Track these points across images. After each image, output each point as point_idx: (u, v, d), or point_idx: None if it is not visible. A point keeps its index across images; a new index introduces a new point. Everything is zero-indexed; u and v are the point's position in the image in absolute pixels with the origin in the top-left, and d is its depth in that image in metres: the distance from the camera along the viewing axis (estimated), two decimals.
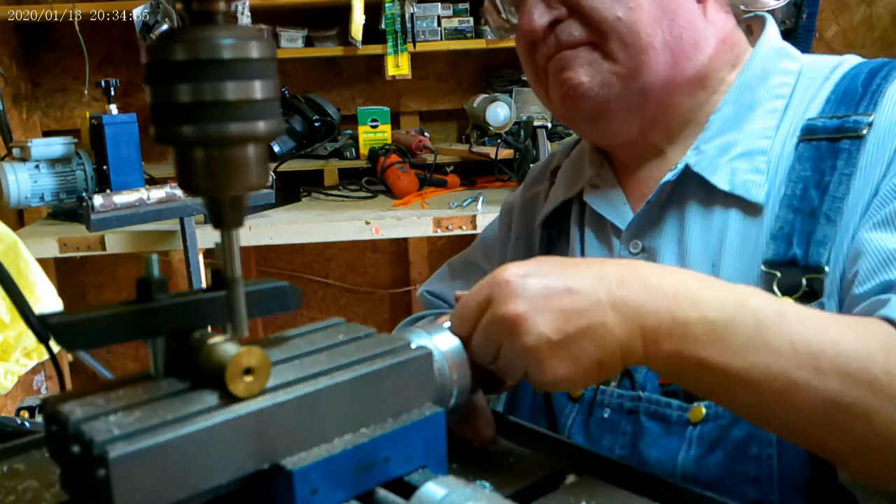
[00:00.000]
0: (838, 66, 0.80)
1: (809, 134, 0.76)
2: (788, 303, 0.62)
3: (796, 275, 0.71)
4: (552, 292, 0.58)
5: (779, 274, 0.72)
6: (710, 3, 0.82)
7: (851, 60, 0.81)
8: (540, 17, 0.80)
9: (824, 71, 0.80)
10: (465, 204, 2.19)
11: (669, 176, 0.80)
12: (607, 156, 0.91)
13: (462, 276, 1.08)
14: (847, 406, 0.56)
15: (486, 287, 0.60)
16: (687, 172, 0.80)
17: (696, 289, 0.59)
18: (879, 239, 0.67)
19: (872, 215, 0.69)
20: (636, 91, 0.80)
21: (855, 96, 0.76)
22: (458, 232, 2.09)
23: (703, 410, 0.73)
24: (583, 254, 0.90)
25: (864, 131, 0.72)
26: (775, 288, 0.71)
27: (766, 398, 0.57)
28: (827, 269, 0.70)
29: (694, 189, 0.80)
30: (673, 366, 0.59)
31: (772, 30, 0.86)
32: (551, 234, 0.96)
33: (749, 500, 0.70)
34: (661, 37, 0.78)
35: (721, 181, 0.78)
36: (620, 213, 0.86)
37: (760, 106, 0.80)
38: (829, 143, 0.74)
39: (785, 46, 0.85)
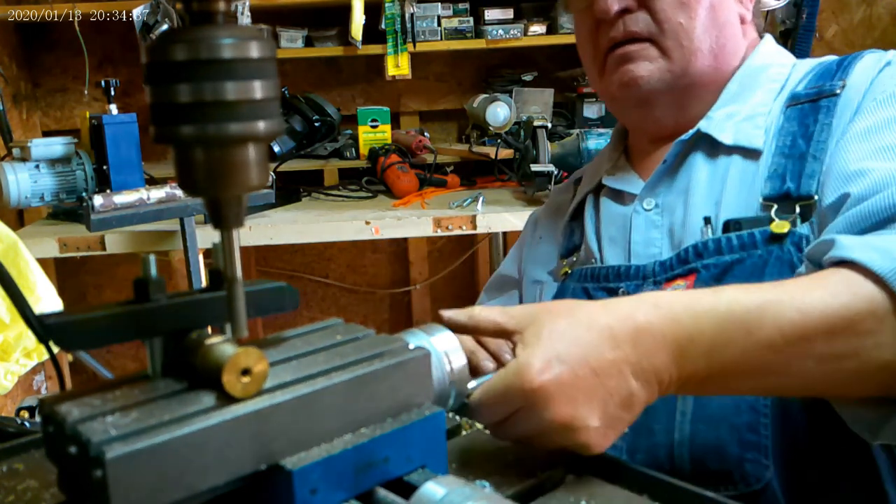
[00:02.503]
0: (822, 61, 0.95)
1: (794, 100, 0.90)
2: (765, 287, 0.66)
3: (790, 204, 0.83)
4: (585, 384, 0.58)
5: (776, 206, 0.83)
6: (748, 24, 0.99)
7: (832, 57, 0.95)
8: (615, 1, 0.92)
9: (811, 64, 0.95)
10: (465, 204, 2.19)
11: (684, 136, 0.94)
12: (625, 149, 1.06)
13: (498, 293, 1.17)
14: (839, 355, 0.63)
15: (516, 390, 0.58)
16: (698, 135, 0.93)
17: (689, 323, 0.62)
18: (843, 161, 0.79)
19: (842, 144, 0.81)
20: (682, 87, 0.94)
21: (830, 72, 0.90)
22: (458, 232, 2.09)
23: None
24: (598, 223, 1.01)
25: (839, 91, 0.86)
26: (773, 214, 0.83)
27: (770, 379, 0.65)
28: (816, 196, 0.82)
29: (702, 147, 0.93)
30: (683, 389, 0.65)
31: (770, 38, 1.03)
32: (573, 227, 1.07)
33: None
34: (709, 44, 0.93)
35: (726, 138, 0.91)
36: (633, 184, 0.99)
37: (760, 87, 0.94)
38: (811, 104, 0.88)
39: (780, 49, 1.00)
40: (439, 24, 2.59)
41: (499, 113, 2.51)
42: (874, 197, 0.71)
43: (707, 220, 0.88)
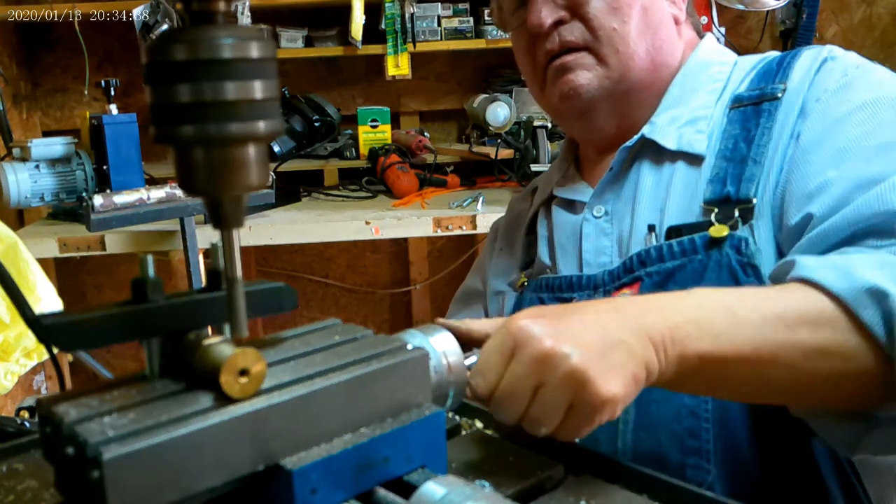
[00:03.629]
0: (764, 58, 0.95)
1: (737, 103, 0.91)
2: (733, 289, 0.69)
3: (730, 208, 0.84)
4: (569, 325, 0.59)
5: (716, 210, 0.84)
6: (683, 24, 0.99)
7: (774, 54, 0.95)
8: (548, 14, 0.92)
9: (753, 62, 0.95)
10: (465, 204, 2.19)
11: (628, 143, 0.94)
12: (575, 159, 1.07)
13: (465, 306, 1.17)
14: (822, 348, 0.64)
15: (504, 337, 0.60)
16: (642, 141, 0.94)
17: (669, 299, 0.66)
18: (803, 176, 0.80)
19: (798, 157, 0.82)
20: (621, 93, 0.94)
21: (771, 73, 0.91)
22: (458, 232, 2.09)
23: None
24: (551, 234, 1.01)
25: (780, 94, 0.87)
26: (713, 218, 0.84)
27: (761, 367, 0.65)
28: (755, 199, 0.83)
29: (647, 153, 0.94)
30: (681, 370, 0.63)
31: (710, 37, 1.03)
32: (530, 240, 1.07)
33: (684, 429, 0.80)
34: (645, 47, 0.93)
35: (669, 143, 0.92)
36: (583, 193, 1.00)
37: (702, 88, 0.95)
38: (754, 107, 0.89)
39: (721, 47, 1.01)
40: (439, 24, 2.59)
41: (499, 113, 2.51)
42: (834, 217, 0.73)
43: (651, 228, 0.89)
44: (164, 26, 2.27)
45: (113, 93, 2.20)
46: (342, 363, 0.52)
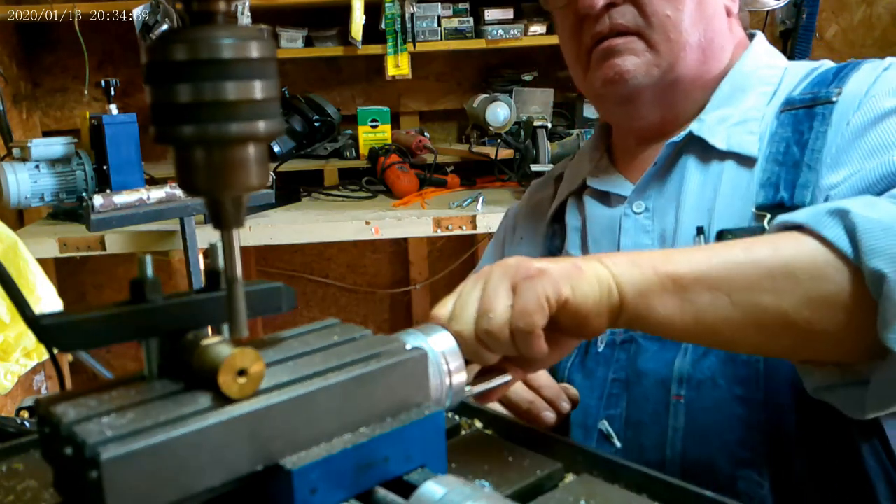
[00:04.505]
0: (817, 67, 0.93)
1: (789, 105, 0.89)
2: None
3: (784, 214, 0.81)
4: (536, 261, 0.62)
5: (769, 215, 0.82)
6: (734, 17, 0.96)
7: (828, 64, 0.94)
8: None
9: (805, 70, 0.93)
10: (465, 204, 2.19)
11: (675, 139, 0.91)
12: (607, 149, 1.04)
13: None
14: (786, 266, 0.63)
15: (477, 278, 0.63)
16: (690, 137, 0.91)
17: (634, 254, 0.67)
18: (828, 177, 0.80)
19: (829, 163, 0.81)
20: (669, 83, 0.91)
21: (826, 81, 0.89)
22: (458, 232, 2.09)
23: None
24: (584, 226, 0.99)
25: (835, 98, 0.85)
26: (766, 224, 0.82)
27: (724, 285, 0.64)
28: None
29: (693, 150, 0.91)
30: (649, 297, 0.64)
31: (761, 36, 1.01)
32: (555, 230, 1.05)
33: (737, 397, 0.79)
34: (697, 37, 0.91)
35: (719, 142, 0.89)
36: (621, 186, 0.97)
37: (753, 89, 0.93)
38: (807, 109, 0.87)
39: (773, 49, 0.99)
40: (439, 24, 2.59)
41: (499, 113, 2.51)
42: (841, 185, 0.74)
43: (700, 230, 0.86)
44: (164, 26, 2.27)
45: (113, 93, 2.20)
46: (341, 363, 0.52)
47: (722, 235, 0.84)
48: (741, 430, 0.77)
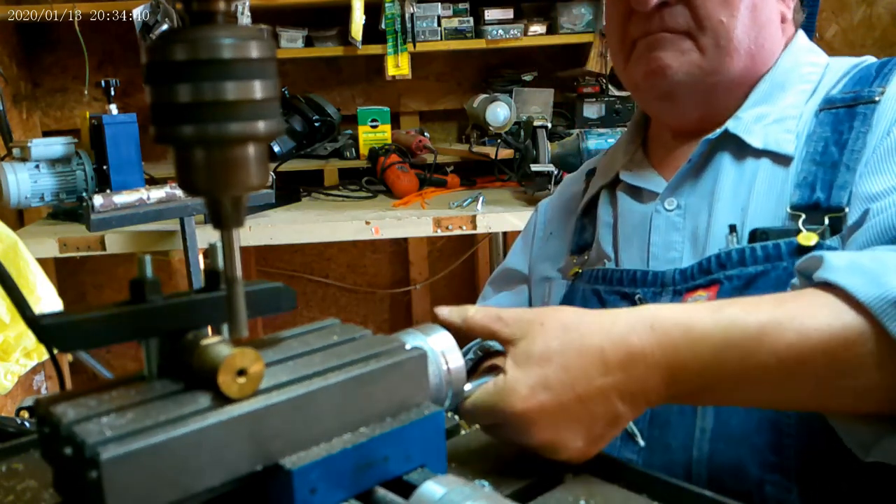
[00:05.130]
0: (858, 63, 0.91)
1: (828, 104, 0.86)
2: (764, 306, 0.63)
3: (819, 215, 0.80)
4: (569, 411, 0.59)
5: (804, 216, 0.80)
6: (788, 21, 0.94)
7: (869, 59, 0.91)
8: None
9: (846, 66, 0.91)
10: (465, 204, 2.19)
11: (710, 136, 0.89)
12: (643, 142, 1.02)
13: (506, 286, 1.14)
14: (834, 376, 0.61)
15: (500, 416, 0.59)
16: (725, 135, 0.89)
17: (684, 349, 0.61)
18: (870, 182, 0.77)
19: (871, 162, 0.78)
20: (710, 84, 0.89)
21: (868, 78, 0.86)
22: (458, 232, 2.09)
23: None
24: (616, 222, 0.97)
25: (878, 98, 0.82)
26: (800, 224, 0.80)
27: (766, 395, 0.63)
28: (847, 209, 0.79)
29: (728, 148, 0.89)
30: (691, 399, 0.65)
31: (801, 33, 0.98)
32: (584, 224, 1.03)
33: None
34: (747, 44, 0.88)
35: (755, 140, 0.87)
36: (654, 182, 0.95)
37: (792, 87, 0.90)
38: (847, 109, 0.84)
39: (812, 45, 0.96)
40: (439, 24, 2.59)
41: (499, 113, 2.51)
42: (881, 215, 0.70)
43: (732, 228, 0.84)
44: (164, 26, 2.27)
45: (113, 93, 2.20)
46: (340, 363, 0.52)
47: (755, 235, 0.82)
48: (771, 433, 0.75)
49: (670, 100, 0.92)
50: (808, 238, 0.78)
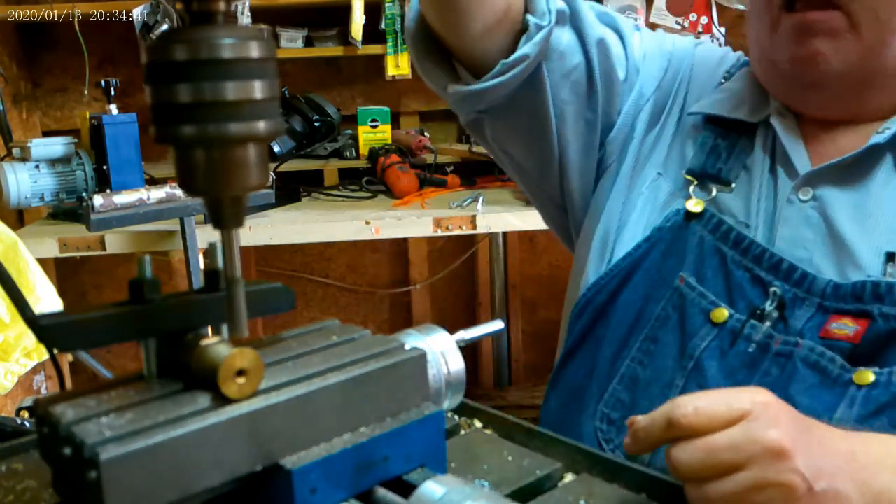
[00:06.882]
0: None
1: None
2: None
3: None
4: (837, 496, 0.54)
5: None
6: None
7: None
8: None
9: None
10: (465, 204, 2.19)
11: (879, 139, 0.78)
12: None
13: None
14: None
15: (748, 454, 0.53)
16: (894, 140, 0.78)
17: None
18: None
19: None
20: (867, 70, 0.78)
21: None
22: (458, 232, 2.09)
23: (872, 377, 0.71)
24: (760, 186, 0.84)
25: None
26: None
27: None
28: None
29: (890, 156, 0.78)
30: None
31: None
32: (717, 144, 0.88)
33: None
34: None
35: None
36: (800, 158, 0.82)
37: None
38: None
39: None
40: None
41: None
42: None
43: (891, 257, 0.74)
44: (164, 26, 2.27)
45: (113, 93, 2.20)
46: (340, 363, 0.52)
47: None
48: None
49: (816, 90, 0.81)
50: None
